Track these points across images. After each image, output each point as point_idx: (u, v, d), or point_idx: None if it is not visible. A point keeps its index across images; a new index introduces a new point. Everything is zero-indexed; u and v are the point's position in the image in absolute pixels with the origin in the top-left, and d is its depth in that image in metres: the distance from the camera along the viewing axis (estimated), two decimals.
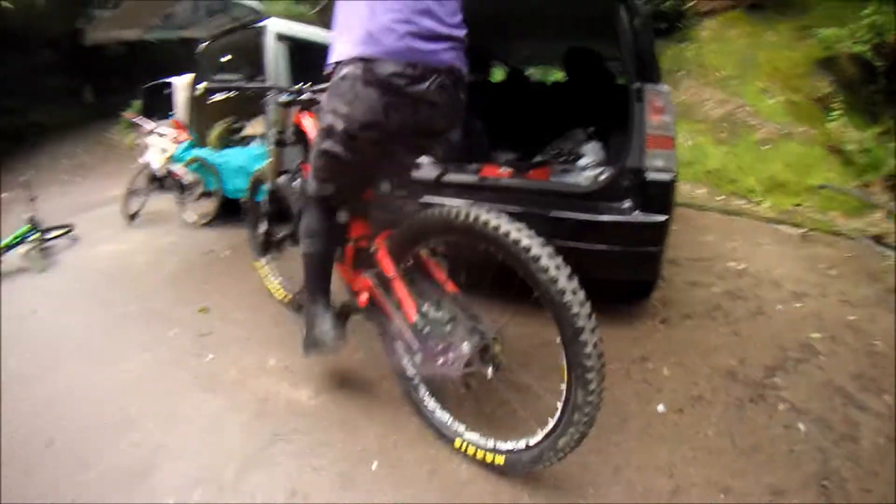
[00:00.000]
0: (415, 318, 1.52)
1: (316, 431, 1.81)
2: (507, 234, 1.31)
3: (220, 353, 2.37)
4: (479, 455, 1.58)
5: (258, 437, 1.79)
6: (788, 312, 2.71)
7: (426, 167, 2.83)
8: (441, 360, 1.43)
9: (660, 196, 2.28)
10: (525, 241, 1.30)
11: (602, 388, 1.30)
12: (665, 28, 7.38)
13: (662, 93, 2.25)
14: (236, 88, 2.06)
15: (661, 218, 2.25)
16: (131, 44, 8.71)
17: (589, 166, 2.70)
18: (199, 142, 4.92)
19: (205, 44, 4.55)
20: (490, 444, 1.56)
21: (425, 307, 1.52)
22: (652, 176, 2.25)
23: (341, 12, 1.41)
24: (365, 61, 1.30)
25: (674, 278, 3.12)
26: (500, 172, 2.85)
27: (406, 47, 1.30)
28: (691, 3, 7.60)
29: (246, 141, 4.78)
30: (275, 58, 3.83)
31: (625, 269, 2.37)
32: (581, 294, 1.27)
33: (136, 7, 3.79)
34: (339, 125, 1.40)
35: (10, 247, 3.84)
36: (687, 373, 2.17)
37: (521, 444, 1.48)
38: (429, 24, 1.33)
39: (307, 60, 3.49)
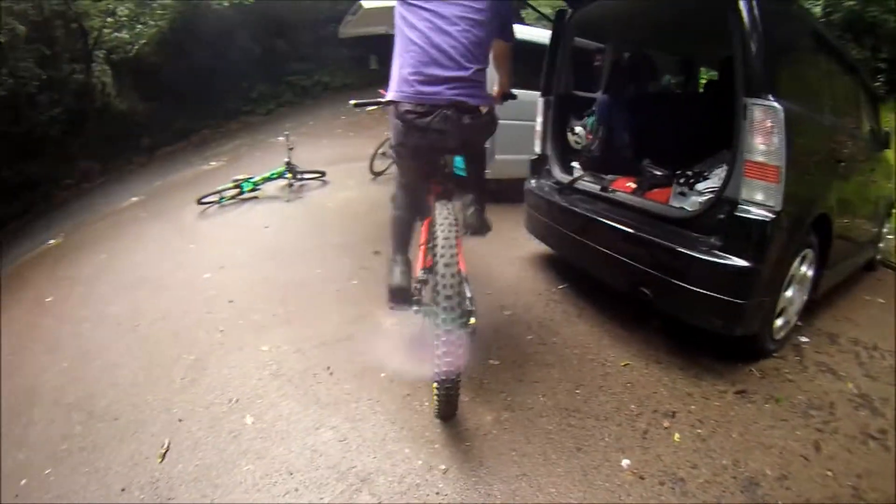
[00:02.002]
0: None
1: None
2: None
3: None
4: None
5: None
6: None
7: (566, 172, 3.18)
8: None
9: (750, 237, 2.02)
10: None
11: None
12: None
13: (774, 110, 1.94)
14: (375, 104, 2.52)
15: (744, 264, 2.00)
16: None
17: (706, 191, 2.59)
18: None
19: None
20: None
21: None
22: (744, 211, 2.01)
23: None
24: (394, 103, 1.97)
25: (807, 354, 2.54)
26: (628, 186, 2.89)
27: (415, 91, 1.91)
28: None
29: None
30: None
31: (703, 314, 2.19)
32: None
33: (373, 12, 5.04)
34: (391, 141, 2.16)
35: (268, 180, 5.74)
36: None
37: None
38: (434, 71, 1.90)
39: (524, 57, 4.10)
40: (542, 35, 4.35)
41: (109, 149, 9.68)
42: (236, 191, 5.69)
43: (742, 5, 2.04)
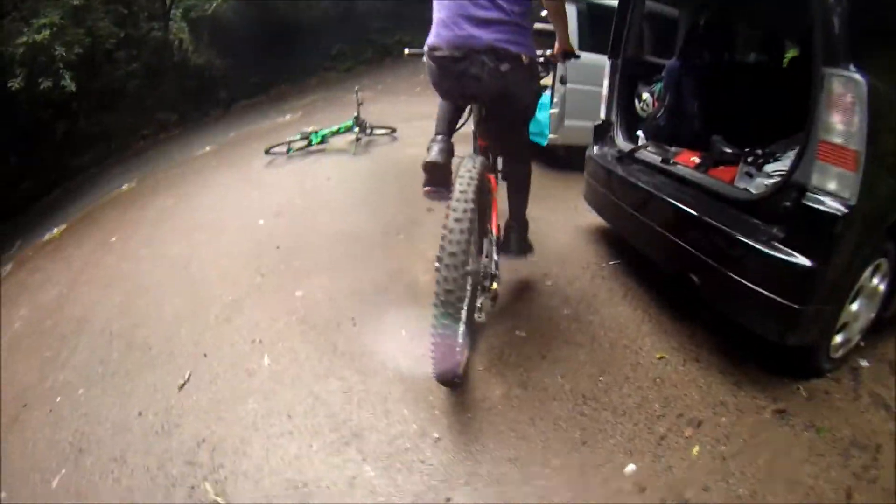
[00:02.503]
0: None
1: None
2: None
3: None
4: None
5: None
6: None
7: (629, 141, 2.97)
8: None
9: (818, 231, 1.73)
10: None
11: None
12: None
13: (855, 83, 1.64)
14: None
15: (807, 263, 1.72)
16: None
17: (776, 174, 2.27)
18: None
19: None
20: None
21: None
22: (813, 200, 1.73)
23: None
24: (430, 48, 1.90)
25: (865, 381, 2.08)
26: (692, 161, 2.65)
27: (452, 35, 1.82)
28: None
29: (542, 90, 5.44)
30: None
31: (753, 314, 1.95)
32: None
33: None
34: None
35: (336, 133, 5.82)
36: None
37: None
38: (473, 11, 1.79)
39: (599, 22, 3.91)
40: None
41: (186, 102, 10.21)
42: (304, 143, 5.82)
43: None
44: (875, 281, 2.09)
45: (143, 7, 10.30)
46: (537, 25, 3.83)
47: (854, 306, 2.04)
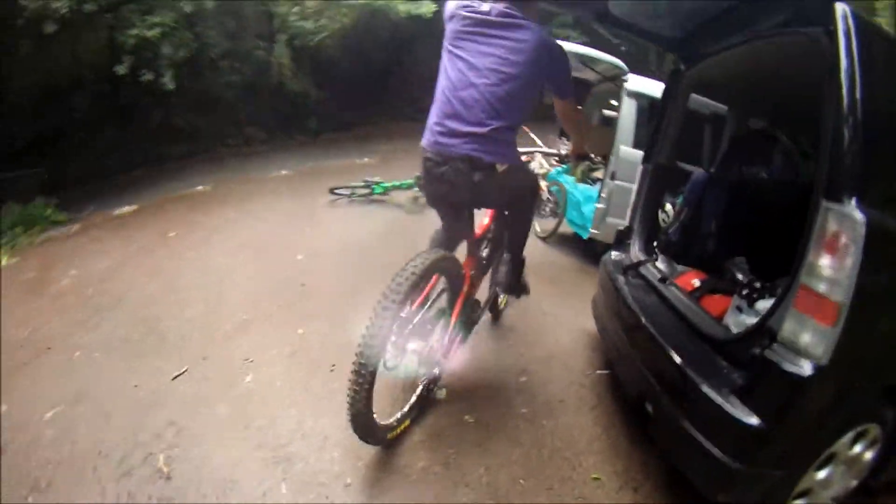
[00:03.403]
0: None
1: None
2: None
3: None
4: None
5: None
6: None
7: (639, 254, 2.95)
8: None
9: (775, 390, 1.63)
10: None
11: None
12: None
13: (854, 222, 1.49)
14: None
15: (754, 421, 1.61)
16: None
17: (763, 312, 2.02)
18: (570, 171, 5.83)
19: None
20: None
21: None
22: (777, 354, 1.62)
23: None
24: (422, 148, 2.17)
25: None
26: (691, 283, 2.64)
27: (435, 141, 2.09)
28: None
29: (596, 182, 5.63)
30: (628, 112, 4.66)
31: (689, 460, 1.88)
32: None
33: None
34: None
35: (397, 188, 6.35)
36: None
37: None
38: (453, 124, 2.04)
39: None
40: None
41: (276, 123, 11.29)
42: (367, 190, 6.39)
43: (842, 64, 1.59)
44: (858, 448, 1.91)
45: (252, 26, 11.42)
46: (575, 75, 3.99)
47: (822, 473, 1.88)
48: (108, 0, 8.68)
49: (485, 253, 2.75)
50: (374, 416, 2.02)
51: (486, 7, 2.04)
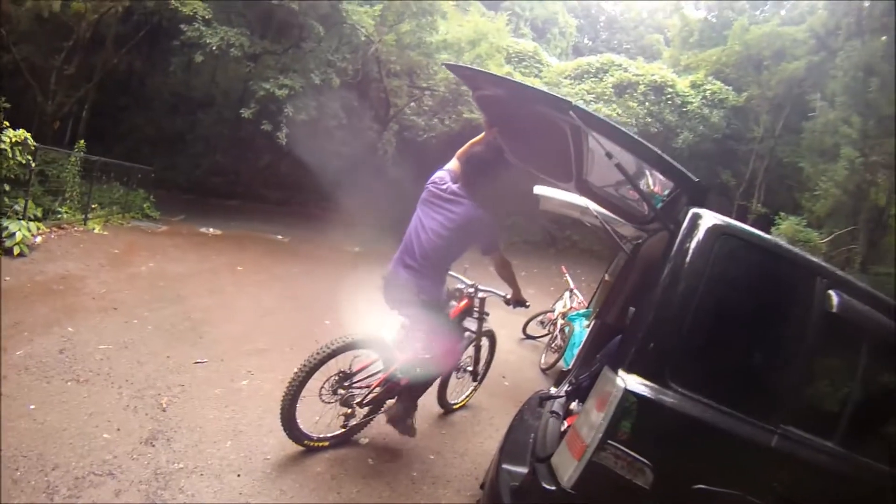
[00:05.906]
0: None
1: None
2: None
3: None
4: None
5: None
6: None
7: None
8: None
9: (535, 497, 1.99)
10: None
11: None
12: None
13: (612, 385, 1.87)
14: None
15: None
16: None
17: None
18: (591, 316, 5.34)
19: None
20: None
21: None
22: (540, 475, 2.04)
23: None
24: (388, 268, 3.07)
25: None
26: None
27: (393, 268, 3.01)
28: None
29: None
30: None
31: None
32: None
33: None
34: None
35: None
36: None
37: None
38: (405, 258, 2.93)
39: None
40: None
41: (369, 199, 11.81)
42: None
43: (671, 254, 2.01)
44: None
45: (371, 109, 13.09)
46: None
47: None
48: (252, 51, 10.38)
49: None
50: (298, 421, 3.03)
51: (444, 185, 2.92)
